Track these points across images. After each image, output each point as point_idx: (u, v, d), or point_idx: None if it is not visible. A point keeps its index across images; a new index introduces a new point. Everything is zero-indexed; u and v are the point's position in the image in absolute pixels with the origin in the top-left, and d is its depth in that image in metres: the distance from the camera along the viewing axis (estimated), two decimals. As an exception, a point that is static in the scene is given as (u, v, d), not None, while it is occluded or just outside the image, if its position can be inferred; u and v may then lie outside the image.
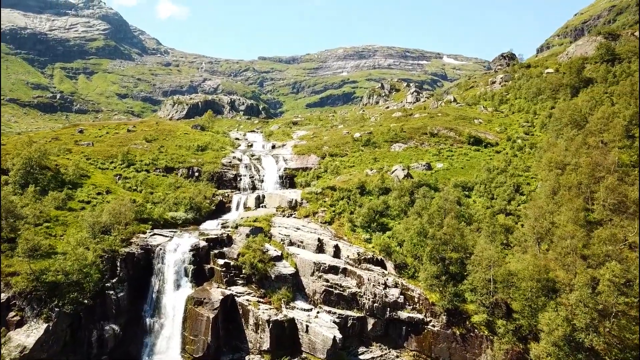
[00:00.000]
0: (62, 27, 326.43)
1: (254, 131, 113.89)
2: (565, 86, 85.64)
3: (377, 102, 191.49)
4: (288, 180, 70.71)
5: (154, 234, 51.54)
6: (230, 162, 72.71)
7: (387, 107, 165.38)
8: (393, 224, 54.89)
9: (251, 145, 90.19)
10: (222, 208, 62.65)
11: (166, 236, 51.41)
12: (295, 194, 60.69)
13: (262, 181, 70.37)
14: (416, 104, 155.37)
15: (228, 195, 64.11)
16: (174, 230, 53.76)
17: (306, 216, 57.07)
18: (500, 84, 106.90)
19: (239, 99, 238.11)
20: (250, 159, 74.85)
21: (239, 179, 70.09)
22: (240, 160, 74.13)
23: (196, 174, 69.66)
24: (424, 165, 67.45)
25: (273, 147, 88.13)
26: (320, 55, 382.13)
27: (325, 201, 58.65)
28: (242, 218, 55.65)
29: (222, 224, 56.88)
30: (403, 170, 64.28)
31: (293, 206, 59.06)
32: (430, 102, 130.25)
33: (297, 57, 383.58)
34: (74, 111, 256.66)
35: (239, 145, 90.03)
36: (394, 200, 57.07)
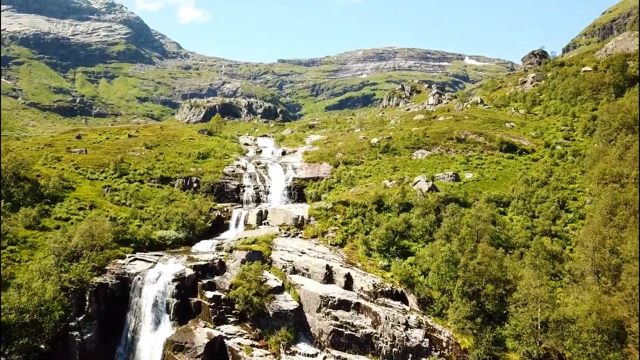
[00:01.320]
0: (84, 31, 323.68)
1: (266, 135, 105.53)
2: (607, 85, 75.27)
3: (398, 104, 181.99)
4: (297, 191, 61.96)
5: (135, 259, 43.20)
6: (233, 171, 64.27)
7: (408, 109, 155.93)
8: (416, 247, 45.69)
9: (260, 152, 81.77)
10: (219, 225, 54.20)
11: (149, 261, 43.06)
12: (302, 210, 51.84)
13: (267, 193, 61.77)
14: (438, 105, 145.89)
15: (227, 210, 55.60)
16: (160, 253, 45.35)
17: (314, 236, 48.20)
18: (531, 83, 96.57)
19: (257, 102, 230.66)
20: (255, 167, 66.34)
21: (241, 190, 61.61)
22: (244, 169, 65.63)
23: (194, 184, 61.36)
24: (451, 176, 58.00)
25: (283, 153, 79.54)
26: (339, 58, 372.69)
27: (336, 219, 49.69)
28: (239, 239, 47.02)
29: (217, 245, 48.37)
30: (427, 181, 54.97)
31: (299, 224, 50.25)
32: (454, 104, 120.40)
33: (317, 59, 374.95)
34: (93, 115, 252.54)
35: (247, 152, 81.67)
36: (416, 218, 47.85)
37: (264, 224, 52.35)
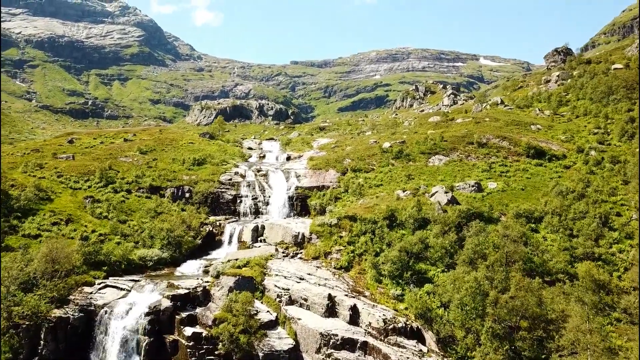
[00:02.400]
0: (98, 34, 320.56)
1: (272, 139, 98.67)
2: (644, 83, 67.26)
3: (411, 105, 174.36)
4: (299, 202, 54.96)
5: (105, 287, 36.52)
6: (230, 179, 57.46)
7: (422, 111, 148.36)
8: (434, 272, 38.45)
9: (263, 157, 74.90)
10: (210, 242, 47.42)
11: (121, 289, 36.37)
12: (302, 226, 44.76)
13: (267, 204, 54.87)
14: (453, 107, 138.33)
15: (220, 224, 48.76)
16: (137, 278, 38.57)
17: (315, 257, 41.14)
18: (556, 82, 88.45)
19: (268, 104, 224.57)
20: (255, 175, 59.44)
21: (238, 201, 54.77)
22: (243, 176, 58.78)
23: (187, 194, 54.69)
24: (473, 186, 50.56)
25: (288, 158, 72.59)
26: (352, 59, 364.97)
27: (341, 237, 42.58)
28: (229, 260, 40.09)
29: (205, 266, 41.57)
30: (446, 193, 47.62)
31: (299, 242, 43.22)
32: (471, 105, 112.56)
33: (329, 60, 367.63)
34: (105, 117, 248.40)
35: (250, 157, 74.89)
36: (435, 237, 40.58)
37: (260, 241, 45.43)
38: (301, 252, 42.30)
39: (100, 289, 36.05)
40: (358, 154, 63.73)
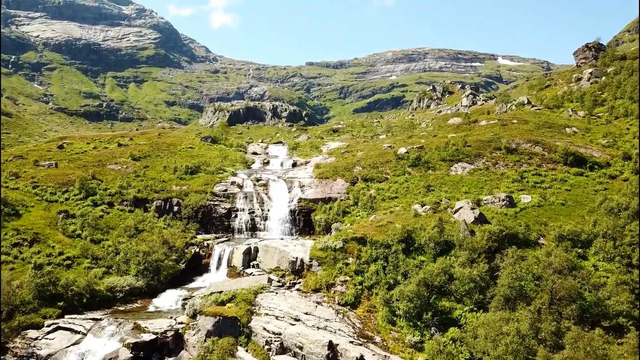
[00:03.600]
0: (115, 37, 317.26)
1: (280, 142, 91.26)
2: (695, 80, 58.32)
3: (429, 106, 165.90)
4: (302, 217, 47.52)
5: (57, 328, 29.49)
6: (225, 190, 50.20)
7: (440, 112, 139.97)
8: (461, 311, 30.63)
9: (267, 163, 67.53)
10: (197, 265, 40.19)
11: (76, 331, 29.27)
12: (301, 249, 37.15)
13: (265, 219, 47.49)
14: (473, 107, 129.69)
15: (209, 245, 41.40)
16: (100, 316, 31.42)
17: (316, 290, 33.59)
18: (589, 80, 79.52)
19: (282, 105, 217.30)
20: (254, 185, 52.09)
21: (233, 215, 47.52)
22: (240, 187, 51.49)
23: (175, 208, 47.61)
24: (503, 200, 42.46)
25: (294, 165, 65.22)
26: (368, 60, 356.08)
27: (347, 264, 34.95)
28: (211, 293, 32.73)
29: (184, 298, 34.30)
30: (472, 209, 39.68)
31: (297, 270, 35.72)
32: (493, 106, 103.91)
33: (345, 61, 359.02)
34: (119, 119, 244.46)
35: (253, 163, 67.64)
36: (461, 266, 32.74)
37: (253, 266, 38.02)
38: (299, 283, 34.79)
39: (49, 332, 28.99)
40: (370, 161, 55.98)
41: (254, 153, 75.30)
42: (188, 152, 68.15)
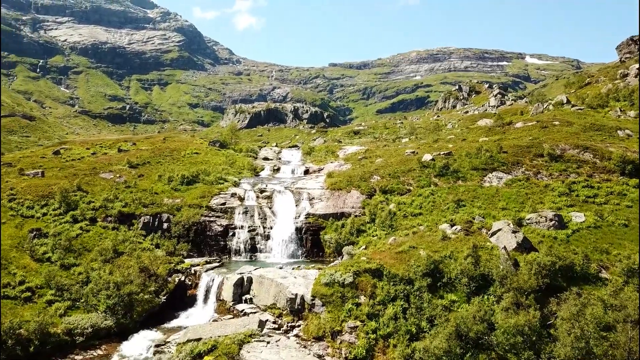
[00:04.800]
0: (139, 40, 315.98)
1: (296, 146, 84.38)
2: None
3: (454, 107, 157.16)
4: (310, 236, 40.33)
5: (-13, 391, 23.10)
6: (223, 203, 43.33)
7: (466, 112, 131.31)
8: (505, 375, 23.04)
9: (278, 170, 60.51)
10: (182, 297, 33.34)
11: (10, 396, 22.82)
12: (303, 282, 29.82)
13: (267, 237, 40.45)
14: (501, 107, 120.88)
15: (196, 273, 34.47)
16: (48, 369, 25.03)
17: (318, 337, 26.39)
18: (636, 76, 70.15)
19: (303, 107, 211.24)
20: (257, 197, 45.10)
21: (231, 233, 40.61)
22: (241, 199, 44.58)
23: (165, 224, 40.95)
24: (551, 220, 34.42)
25: (306, 172, 58.05)
26: (392, 60, 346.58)
27: (358, 304, 27.58)
28: (188, 341, 25.80)
29: (158, 345, 27.51)
30: (514, 233, 31.81)
31: (297, 309, 28.50)
32: (524, 106, 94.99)
33: (368, 62, 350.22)
34: (142, 122, 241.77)
35: (262, 169, 60.75)
36: (504, 311, 25.07)
37: (245, 300, 30.94)
38: (298, 326, 27.57)
39: (-26, 397, 22.55)
40: (390, 169, 48.38)
41: (265, 158, 68.43)
42: (192, 158, 61.74)
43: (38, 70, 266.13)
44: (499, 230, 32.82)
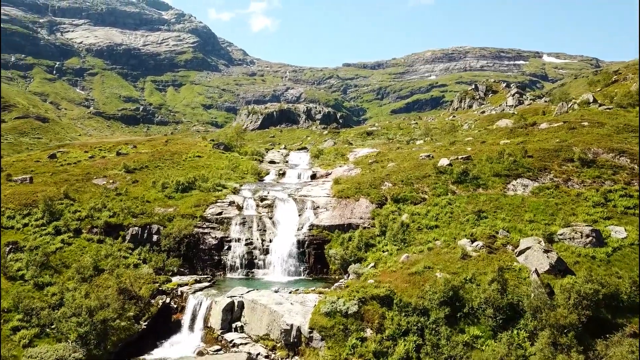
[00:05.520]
0: (154, 42, 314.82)
1: (305, 148, 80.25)
2: None
3: (470, 106, 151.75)
4: (313, 250, 36.10)
5: None
6: (219, 213, 39.29)
7: (483, 112, 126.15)
8: None
9: (283, 174, 56.35)
10: (165, 322, 29.33)
11: None
12: (300, 310, 25.57)
13: (266, 252, 36.30)
14: (519, 107, 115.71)
15: (183, 294, 30.44)
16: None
17: (316, 380, 22.26)
18: (670, 73, 64.62)
19: (316, 107, 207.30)
20: (257, 206, 40.98)
21: (226, 247, 36.57)
22: (240, 208, 40.51)
23: (154, 237, 37.06)
24: (588, 236, 29.68)
25: (313, 176, 53.81)
26: (406, 60, 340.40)
27: (364, 338, 23.27)
28: (163, 383, 21.91)
29: (131, 383, 23.63)
30: (546, 252, 27.20)
31: (293, 342, 24.32)
32: (547, 105, 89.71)
33: (383, 62, 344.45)
34: (156, 123, 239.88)
35: (267, 174, 56.69)
36: (540, 353, 20.65)
37: (235, 328, 26.77)
38: (294, 364, 23.42)
39: None
40: (403, 175, 43.88)
41: (271, 162, 64.35)
42: (194, 162, 57.99)
43: (54, 72, 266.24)
44: (528, 248, 28.22)
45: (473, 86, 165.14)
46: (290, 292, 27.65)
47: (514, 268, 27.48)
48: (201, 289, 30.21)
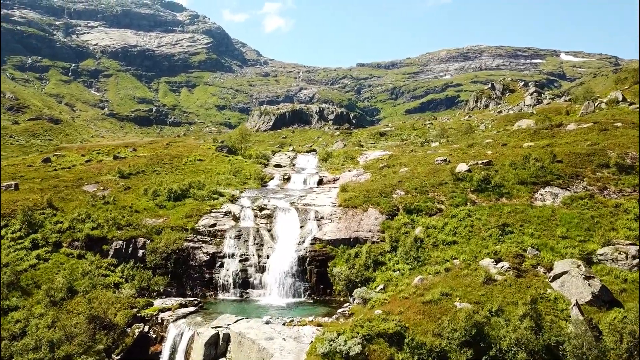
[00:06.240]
0: (168, 43, 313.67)
1: (314, 150, 76.08)
2: None
3: (487, 106, 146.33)
4: (316, 267, 31.90)
5: None
6: (213, 225, 35.31)
7: (500, 112, 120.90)
8: None
9: (288, 179, 52.24)
10: (142, 355, 25.43)
11: None
12: (293, 349, 21.35)
13: (263, 269, 32.20)
14: (538, 106, 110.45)
15: (164, 322, 26.43)
16: None
17: None
18: None
19: (329, 108, 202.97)
20: (255, 216, 36.88)
21: (218, 263, 32.59)
22: (237, 218, 36.49)
23: (140, 251, 33.21)
24: (634, 257, 25.10)
25: (320, 182, 49.62)
26: (421, 59, 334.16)
27: (368, 388, 19.21)
28: None
29: None
30: (587, 279, 22.64)
31: (284, 389, 20.29)
32: (570, 104, 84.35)
33: (397, 61, 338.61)
34: (169, 124, 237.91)
35: (271, 179, 52.65)
36: (587, 419, 16.31)
37: (220, 367, 22.83)
38: (283, 418, 19.26)
39: None
40: (417, 182, 39.46)
41: (277, 165, 60.33)
42: (194, 166, 54.28)
43: (70, 73, 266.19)
44: (565, 273, 23.71)
45: (489, 85, 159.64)
46: (284, 324, 23.49)
47: (548, 297, 23.02)
48: (185, 315, 26.20)
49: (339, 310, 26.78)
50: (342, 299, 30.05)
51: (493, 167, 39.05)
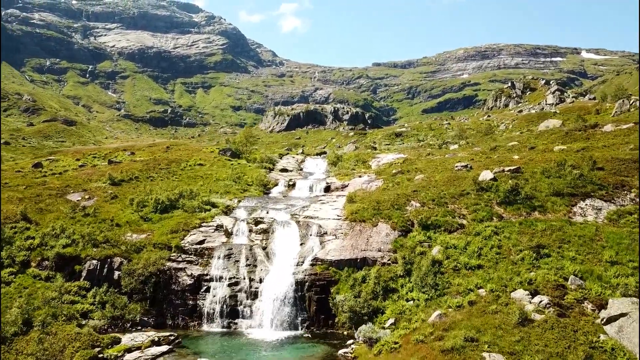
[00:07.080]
0: (184, 44, 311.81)
1: (324, 153, 71.29)
2: None
3: (507, 105, 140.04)
4: (315, 292, 27.13)
5: None
6: (201, 241, 30.76)
7: (520, 111, 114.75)
8: None
9: (293, 185, 47.53)
10: (101, 407, 21.16)
11: None
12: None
13: (255, 296, 27.52)
14: (560, 105, 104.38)
15: (130, 364, 22.12)
16: None
17: None
18: None
19: (343, 108, 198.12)
20: (250, 231, 32.22)
21: (204, 288, 28.01)
22: (228, 233, 31.89)
23: (115, 273, 28.83)
24: None
25: (327, 189, 44.76)
26: (438, 58, 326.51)
27: None
28: None
29: None
30: (656, 327, 17.68)
31: None
32: (598, 102, 78.28)
33: (413, 61, 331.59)
34: (183, 125, 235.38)
35: (275, 185, 47.97)
36: None
37: None
38: None
39: None
40: (435, 191, 34.38)
41: (283, 170, 55.64)
42: (194, 171, 49.94)
43: (87, 75, 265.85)
44: (622, 315, 18.54)
45: (509, 84, 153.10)
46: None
47: (602, 346, 17.91)
48: (155, 358, 21.67)
49: (341, 352, 22.02)
50: (346, 333, 25.27)
51: (522, 175, 33.77)
